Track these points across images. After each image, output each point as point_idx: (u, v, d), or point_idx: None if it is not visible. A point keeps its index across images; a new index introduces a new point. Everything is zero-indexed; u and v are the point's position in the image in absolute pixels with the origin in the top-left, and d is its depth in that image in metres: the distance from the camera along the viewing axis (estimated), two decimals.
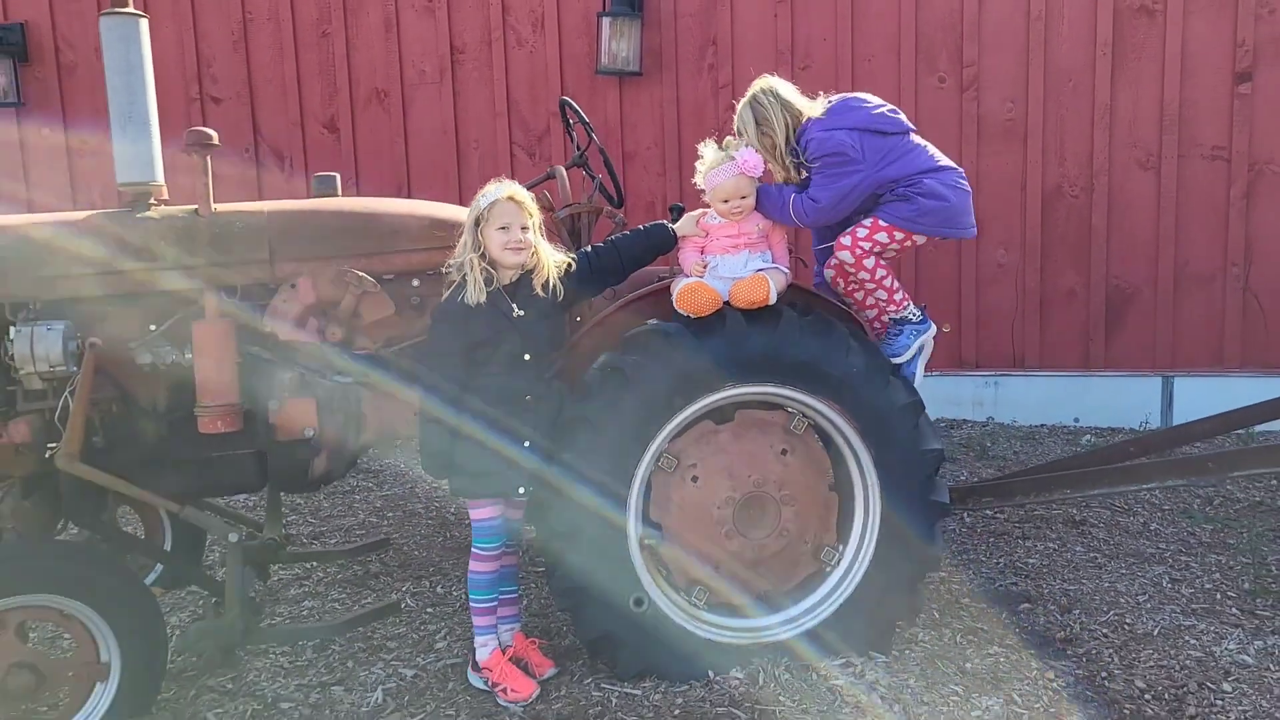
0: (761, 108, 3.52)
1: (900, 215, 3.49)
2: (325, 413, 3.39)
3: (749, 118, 3.53)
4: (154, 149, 3.32)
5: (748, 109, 3.55)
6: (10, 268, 3.13)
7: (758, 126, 3.52)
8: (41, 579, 3.04)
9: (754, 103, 3.55)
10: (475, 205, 3.23)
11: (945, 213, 3.54)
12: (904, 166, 3.51)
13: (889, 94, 6.63)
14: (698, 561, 3.44)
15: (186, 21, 7.40)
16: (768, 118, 3.52)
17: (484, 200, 3.21)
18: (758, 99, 3.55)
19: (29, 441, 3.19)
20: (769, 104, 3.53)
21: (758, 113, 3.53)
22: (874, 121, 3.53)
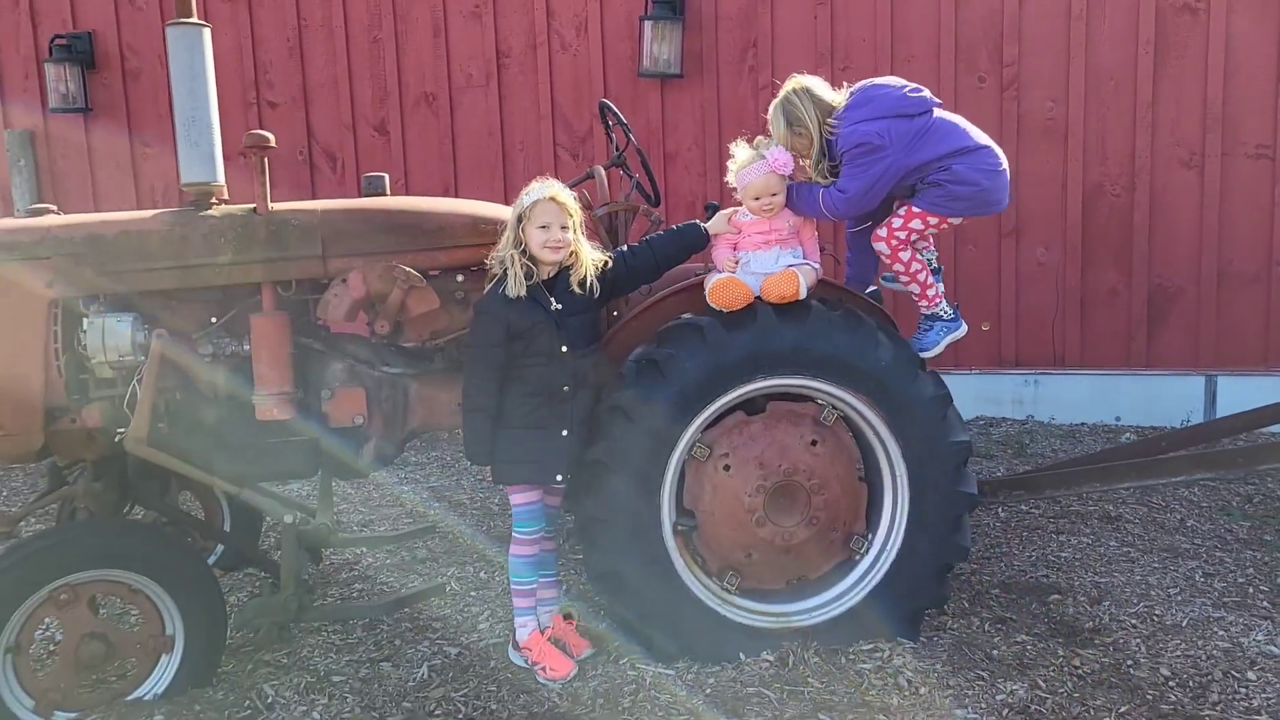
0: (793, 107, 3.62)
1: (932, 201, 3.57)
2: (374, 401, 3.57)
3: (780, 119, 3.64)
4: (216, 151, 3.51)
5: (779, 110, 3.66)
6: (83, 264, 3.33)
7: (789, 126, 3.62)
8: (111, 555, 3.25)
9: (785, 103, 3.65)
10: (519, 203, 3.37)
11: (978, 197, 3.60)
12: (934, 149, 3.55)
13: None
14: (729, 548, 3.56)
15: (245, 29, 7.64)
16: (799, 116, 3.61)
17: (527, 199, 3.35)
18: (789, 99, 3.65)
19: (100, 426, 3.39)
20: (800, 103, 3.62)
21: (789, 113, 3.63)
22: (897, 105, 3.58)
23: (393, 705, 3.33)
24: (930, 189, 3.58)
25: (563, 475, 3.43)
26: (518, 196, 3.40)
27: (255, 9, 7.63)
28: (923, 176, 3.58)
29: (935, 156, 3.55)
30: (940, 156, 3.55)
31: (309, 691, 3.41)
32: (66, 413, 3.37)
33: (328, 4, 7.51)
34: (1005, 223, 6.80)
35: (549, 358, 3.37)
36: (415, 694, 3.40)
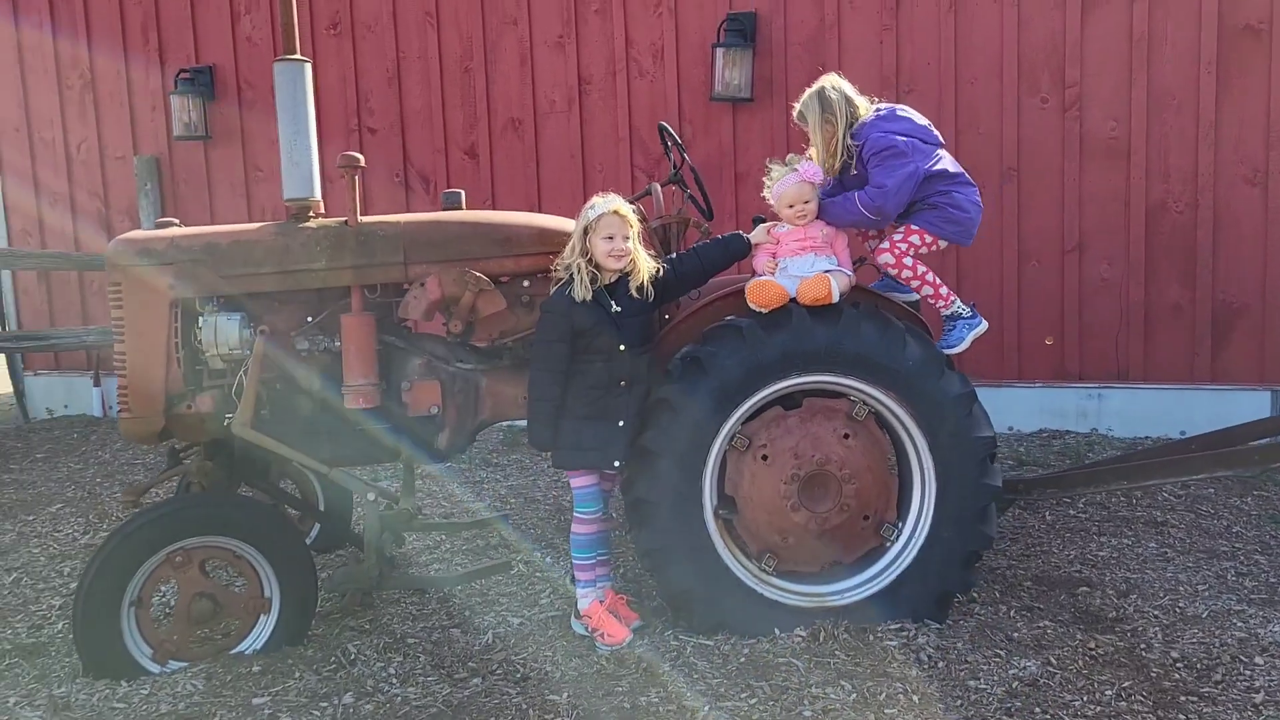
0: (829, 99, 3.98)
1: (928, 221, 3.91)
2: (448, 394, 3.99)
3: (815, 105, 3.98)
4: (314, 170, 3.98)
5: (815, 98, 4.00)
6: (200, 269, 3.83)
7: (822, 113, 3.96)
8: (219, 524, 3.72)
9: (822, 94, 4.00)
10: (584, 215, 3.75)
11: (965, 225, 4.00)
12: (943, 169, 3.96)
13: (992, 114, 6.99)
14: (767, 531, 3.87)
15: (349, 61, 8.25)
16: (833, 109, 3.97)
17: (592, 213, 3.73)
18: (826, 91, 4.01)
19: (211, 412, 3.88)
20: (836, 98, 3.99)
21: (825, 103, 3.98)
22: (918, 131, 3.99)
23: (459, 664, 3.72)
24: (929, 210, 3.95)
25: (620, 461, 3.79)
26: (582, 210, 3.79)
27: (358, 42, 8.23)
28: (924, 197, 3.93)
29: (942, 179, 3.94)
30: (945, 180, 3.94)
31: (386, 650, 3.82)
32: (184, 400, 3.86)
33: (424, 37, 8.07)
34: (1067, 239, 6.96)
35: (608, 355, 3.74)
36: (480, 656, 3.78)
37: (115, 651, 3.59)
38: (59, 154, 9.00)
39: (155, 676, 3.60)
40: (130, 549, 3.59)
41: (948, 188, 3.95)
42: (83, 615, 3.55)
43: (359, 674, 3.63)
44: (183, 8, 8.52)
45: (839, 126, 3.98)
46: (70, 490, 6.38)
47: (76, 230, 9.03)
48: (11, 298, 9.24)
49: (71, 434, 8.12)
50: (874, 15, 7.18)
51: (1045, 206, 7.01)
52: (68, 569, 4.85)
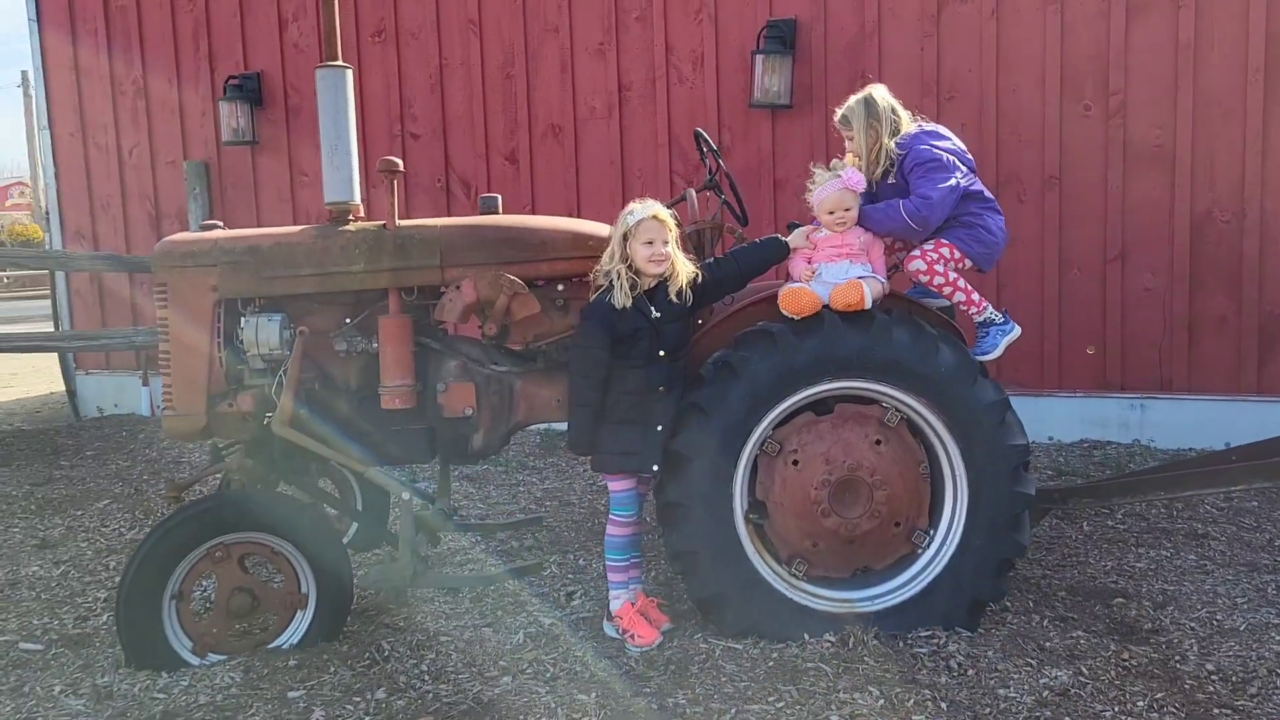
0: (875, 106, 4.04)
1: (959, 237, 3.94)
2: (482, 396, 4.04)
3: (861, 110, 4.01)
4: (354, 175, 4.06)
5: (862, 104, 4.04)
6: (243, 270, 3.91)
7: (867, 118, 3.99)
8: (258, 521, 3.80)
9: (869, 100, 4.04)
10: (623, 221, 3.78)
11: (991, 247, 4.02)
12: (980, 190, 4.02)
13: (1034, 121, 6.95)
14: (797, 536, 3.88)
15: (393, 68, 8.37)
16: (879, 116, 4.02)
17: (631, 219, 3.77)
18: (873, 99, 4.06)
19: (252, 411, 3.96)
20: (884, 106, 4.05)
21: (871, 109, 4.02)
22: (958, 150, 4.04)
23: (490, 663, 3.76)
24: (961, 228, 3.97)
25: (658, 465, 3.81)
26: (620, 216, 3.81)
27: (402, 49, 8.36)
28: (958, 215, 3.96)
29: (977, 200, 3.99)
30: (980, 202, 4.00)
31: (419, 648, 3.88)
32: (225, 398, 3.95)
33: (466, 44, 8.17)
34: (1110, 248, 6.90)
35: (647, 360, 3.77)
36: (511, 655, 3.82)
37: (156, 643, 3.67)
38: (111, 159, 9.23)
39: (195, 668, 3.67)
40: (172, 543, 3.68)
41: (981, 210, 4.00)
42: (126, 607, 3.64)
43: (392, 670, 3.68)
44: (232, 16, 8.71)
45: (883, 134, 4.01)
46: (118, 487, 6.53)
47: (128, 233, 9.25)
48: (65, 299, 9.48)
49: (120, 432, 8.30)
50: (914, 22, 7.17)
51: (1087, 215, 6.94)
52: (113, 563, 4.96)
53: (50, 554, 5.18)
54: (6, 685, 3.70)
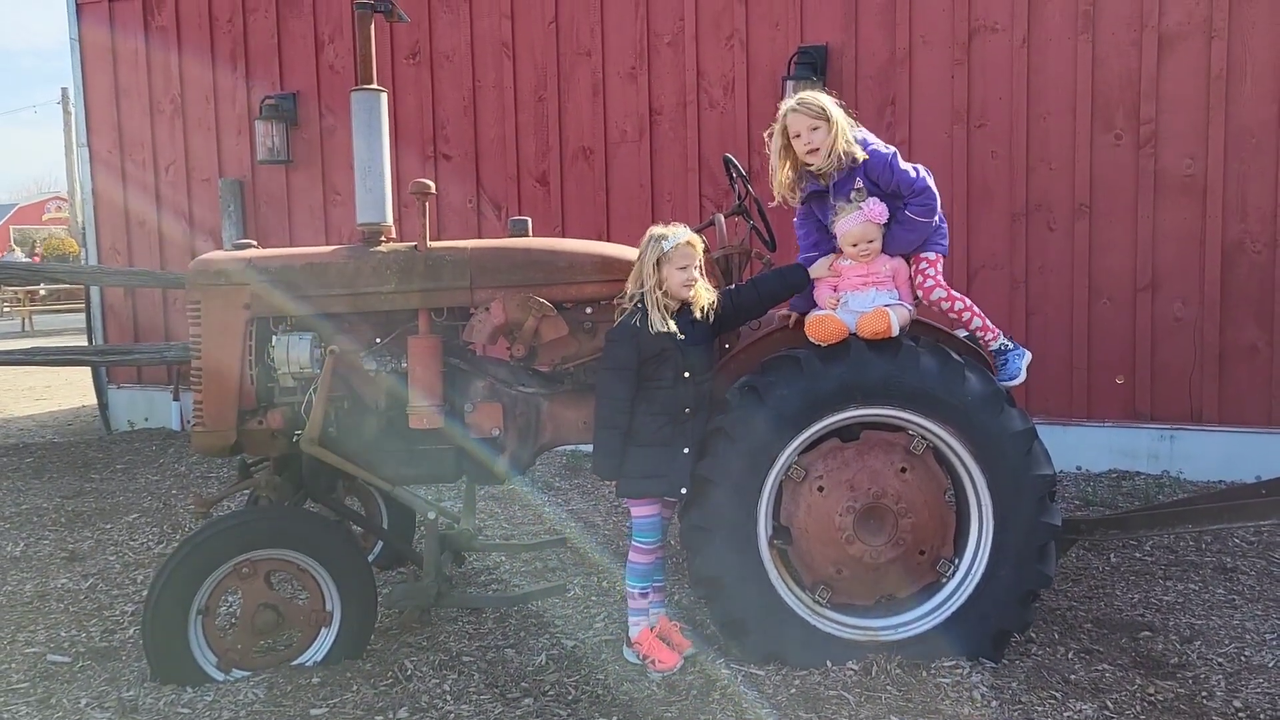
0: (839, 108, 3.97)
1: (934, 241, 3.99)
2: (510, 416, 4.07)
3: (838, 112, 3.95)
4: (387, 196, 4.11)
5: (835, 104, 3.97)
6: (275, 289, 3.96)
7: (841, 119, 3.94)
8: (285, 538, 3.83)
9: (836, 103, 3.99)
10: (656, 246, 3.78)
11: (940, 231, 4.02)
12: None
13: (1064, 149, 6.94)
14: (821, 563, 3.87)
15: (426, 90, 8.47)
16: (835, 118, 3.93)
17: (667, 244, 3.77)
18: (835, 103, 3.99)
19: (282, 428, 4.01)
20: (844, 112, 3.98)
21: (832, 108, 3.95)
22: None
23: (512, 684, 3.77)
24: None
25: (685, 488, 3.82)
26: (649, 240, 3.82)
27: (436, 71, 8.46)
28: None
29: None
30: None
31: (442, 668, 3.89)
32: (255, 415, 4.00)
33: (499, 67, 8.26)
34: (1140, 277, 6.85)
35: (674, 382, 3.79)
36: (533, 676, 3.83)
37: (182, 658, 3.71)
38: (148, 176, 9.39)
39: (219, 684, 3.71)
40: (199, 559, 3.72)
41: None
42: (152, 621, 3.68)
43: (414, 689, 3.70)
44: (269, 36, 8.85)
45: (830, 139, 3.89)
46: (147, 501, 6.60)
47: (162, 249, 9.38)
48: (99, 313, 9.61)
49: (150, 446, 8.40)
50: (945, 50, 7.18)
51: (1118, 243, 6.91)
52: (140, 577, 5.02)
53: (79, 567, 5.24)
54: (34, 697, 3.74)
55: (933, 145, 7.22)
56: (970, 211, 7.17)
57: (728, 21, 7.68)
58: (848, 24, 7.38)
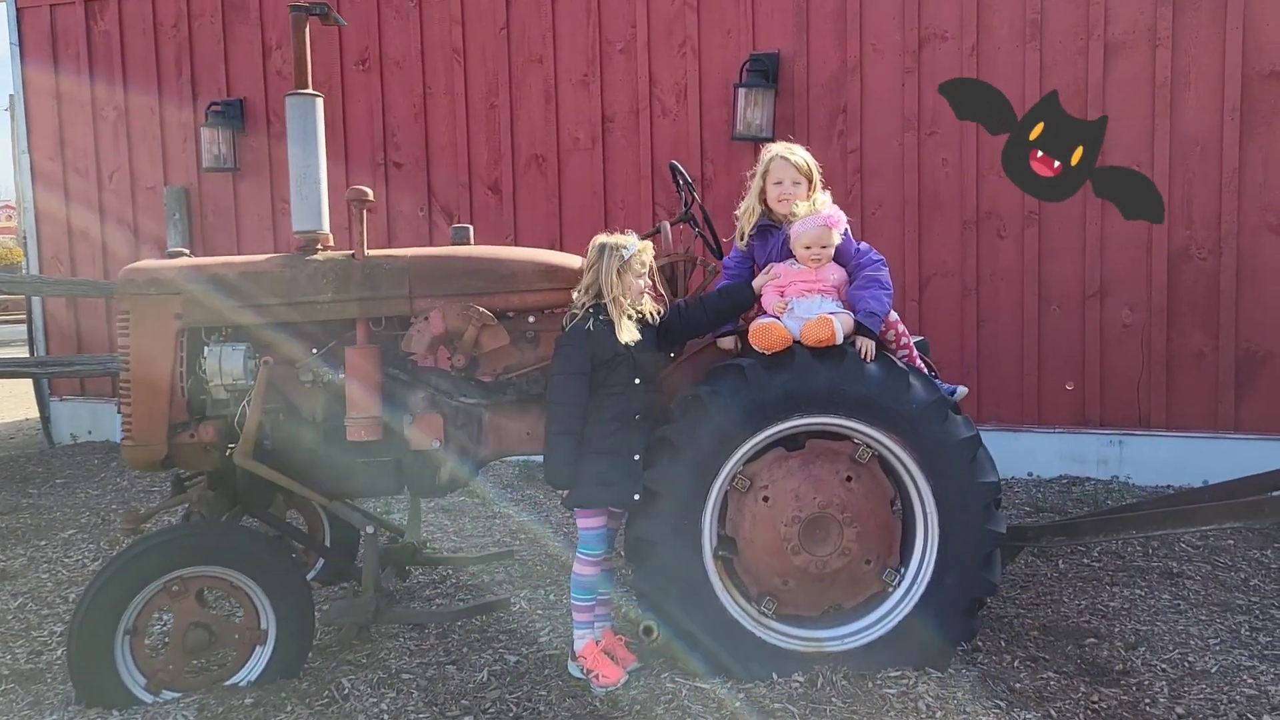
0: (818, 173, 4.05)
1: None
2: (450, 428, 3.99)
3: (810, 160, 4.02)
4: (323, 204, 4.03)
5: (811, 159, 4.02)
6: (207, 299, 3.86)
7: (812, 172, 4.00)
8: (217, 554, 3.73)
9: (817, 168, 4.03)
10: (614, 255, 3.72)
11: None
12: None
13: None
14: (767, 574, 3.82)
15: (376, 96, 8.36)
16: (813, 174, 4.03)
17: (626, 252, 3.73)
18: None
19: (214, 442, 3.90)
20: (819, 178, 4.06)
21: (815, 176, 4.01)
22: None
23: (452, 702, 3.69)
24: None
25: (638, 494, 3.75)
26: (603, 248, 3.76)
27: (386, 77, 8.36)
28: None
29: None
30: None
31: (380, 686, 3.80)
32: (187, 428, 3.89)
33: (450, 73, 8.18)
34: (1089, 284, 6.90)
35: (625, 388, 3.74)
36: (474, 694, 3.75)
37: (109, 680, 3.59)
38: (91, 184, 9.18)
39: (147, 706, 3.60)
40: (127, 577, 3.61)
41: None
42: (77, 642, 3.56)
43: (351, 709, 3.61)
44: (215, 42, 8.70)
45: (802, 193, 4.01)
46: (85, 516, 6.43)
47: (106, 259, 9.19)
48: (40, 324, 9.40)
49: (93, 460, 8.21)
50: (896, 58, 7.19)
51: (1066, 251, 6.95)
52: (73, 595, 4.87)
53: (9, 585, 5.08)
54: None
55: (884, 153, 7.23)
56: (922, 220, 7.18)
57: (680, 29, 7.65)
58: (799, 32, 7.38)
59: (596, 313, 3.73)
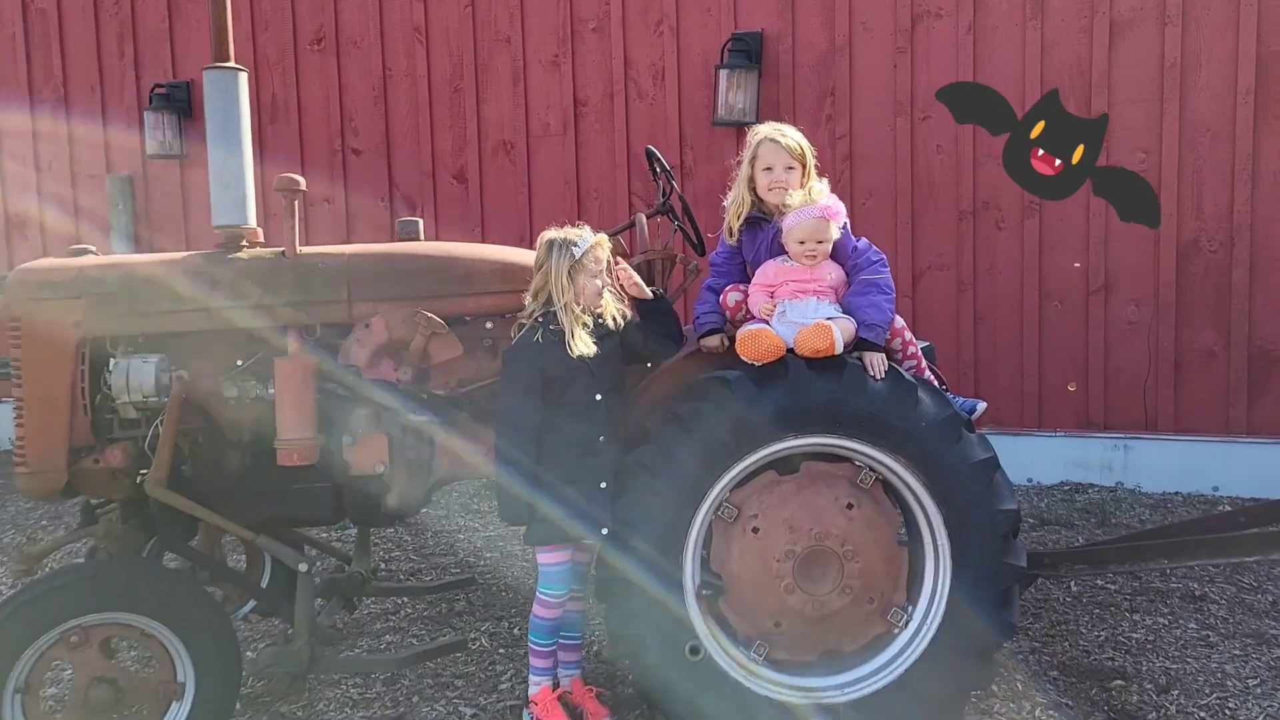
0: (811, 156, 3.56)
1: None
2: (397, 450, 3.49)
3: (807, 144, 3.54)
4: (248, 194, 3.53)
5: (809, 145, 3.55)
6: (113, 304, 3.35)
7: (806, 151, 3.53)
8: (123, 598, 3.22)
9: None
10: (564, 253, 3.27)
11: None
12: None
13: None
14: (757, 615, 3.37)
15: (333, 78, 7.84)
16: (811, 164, 3.55)
17: (577, 250, 3.27)
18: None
19: (124, 467, 3.39)
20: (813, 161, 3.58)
21: (809, 158, 3.55)
22: None
23: None
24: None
25: (607, 528, 3.29)
26: (552, 245, 3.31)
27: (343, 59, 7.84)
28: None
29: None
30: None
31: None
32: (91, 452, 3.38)
33: (412, 54, 7.67)
34: (1093, 279, 6.49)
35: (584, 407, 3.28)
36: None
37: None
38: (29, 171, 8.60)
39: None
40: (16, 627, 3.09)
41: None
42: None
43: None
44: (160, 20, 8.16)
45: (797, 179, 3.53)
46: (9, 534, 5.89)
47: (46, 251, 8.59)
48: None
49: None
50: (887, 37, 6.75)
51: (1069, 243, 6.53)
52: None
53: None
54: None
55: (875, 139, 6.79)
56: (915, 210, 6.75)
57: (657, 6, 7.17)
58: (784, 9, 6.91)
59: (547, 321, 3.27)
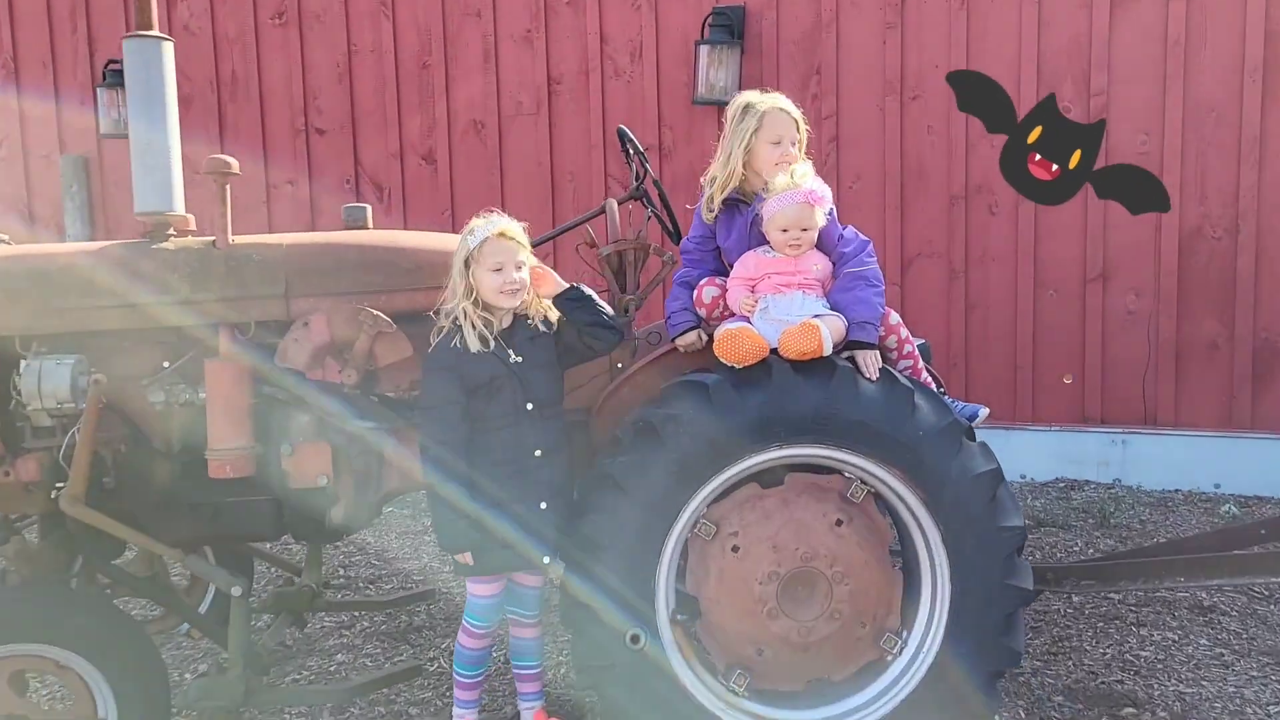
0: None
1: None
2: (341, 459, 3.15)
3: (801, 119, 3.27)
4: (174, 177, 3.20)
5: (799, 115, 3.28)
6: (22, 300, 3.02)
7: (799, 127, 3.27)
8: (34, 627, 2.90)
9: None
10: (463, 244, 2.97)
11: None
12: None
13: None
14: (737, 642, 3.07)
15: (295, 55, 7.46)
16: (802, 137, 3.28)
17: (473, 239, 2.95)
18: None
19: (37, 480, 3.06)
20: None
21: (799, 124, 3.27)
22: None
23: None
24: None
25: (550, 557, 2.99)
26: (461, 237, 3.00)
27: (306, 33, 7.46)
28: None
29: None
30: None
31: None
32: (1, 464, 3.04)
33: (377, 29, 7.30)
34: (1090, 267, 6.21)
35: (515, 417, 2.97)
36: None
37: None
38: None
39: None
40: None
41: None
42: None
43: None
44: None
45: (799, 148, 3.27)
46: None
47: None
48: None
49: None
50: (876, 12, 6.43)
51: (1065, 229, 6.24)
52: None
53: None
54: None
55: (863, 119, 6.48)
56: (904, 193, 6.45)
57: None
58: None
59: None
